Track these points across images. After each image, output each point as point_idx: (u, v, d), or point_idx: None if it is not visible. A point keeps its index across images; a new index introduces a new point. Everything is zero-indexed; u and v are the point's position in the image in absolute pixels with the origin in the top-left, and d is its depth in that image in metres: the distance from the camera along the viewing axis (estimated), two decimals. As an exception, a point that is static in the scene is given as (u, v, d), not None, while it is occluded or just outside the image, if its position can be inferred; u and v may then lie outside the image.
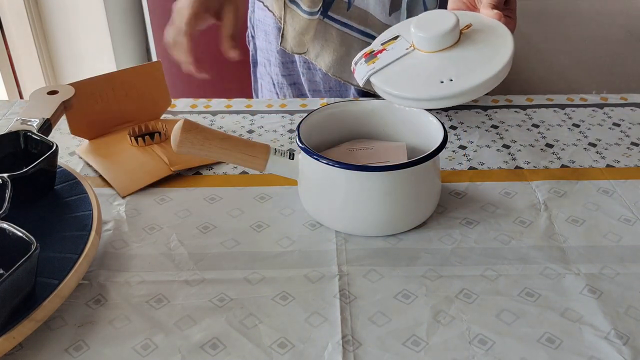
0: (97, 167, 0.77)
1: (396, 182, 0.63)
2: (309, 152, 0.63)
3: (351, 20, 0.90)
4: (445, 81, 0.62)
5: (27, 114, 0.71)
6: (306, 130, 0.68)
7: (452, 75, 0.62)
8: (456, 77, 0.62)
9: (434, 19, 0.65)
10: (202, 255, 0.63)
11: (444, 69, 0.63)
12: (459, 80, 0.61)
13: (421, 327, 0.55)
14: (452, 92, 0.61)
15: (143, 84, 0.84)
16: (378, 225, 0.65)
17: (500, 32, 0.65)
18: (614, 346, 0.53)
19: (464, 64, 0.63)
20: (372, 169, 0.62)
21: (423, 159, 0.62)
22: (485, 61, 0.63)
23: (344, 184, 0.63)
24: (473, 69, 0.62)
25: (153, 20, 1.82)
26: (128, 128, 0.83)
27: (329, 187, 0.64)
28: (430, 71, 0.63)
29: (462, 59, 0.63)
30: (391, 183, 0.62)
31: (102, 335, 0.54)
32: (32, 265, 0.51)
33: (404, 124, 0.72)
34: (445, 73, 0.62)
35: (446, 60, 0.64)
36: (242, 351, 0.53)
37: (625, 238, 0.66)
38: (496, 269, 0.61)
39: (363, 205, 0.63)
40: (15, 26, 1.76)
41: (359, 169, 0.62)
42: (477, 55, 0.63)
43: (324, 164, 0.62)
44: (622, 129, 0.87)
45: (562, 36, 1.96)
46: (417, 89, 0.63)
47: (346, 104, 0.74)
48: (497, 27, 0.66)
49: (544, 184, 0.74)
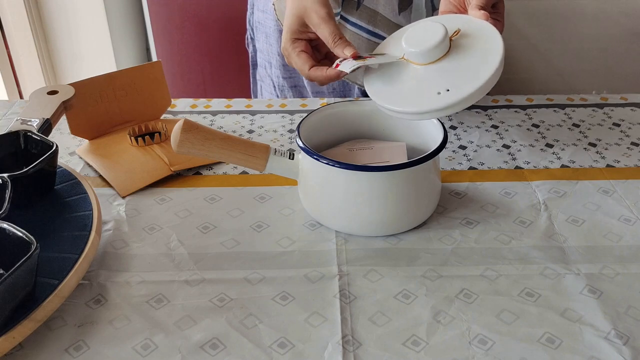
0: (97, 167, 0.77)
1: (396, 182, 0.63)
2: (309, 152, 0.63)
3: (361, 20, 0.90)
4: (442, 92, 0.63)
5: (27, 114, 0.71)
6: (306, 130, 0.68)
7: (448, 85, 0.63)
8: (452, 86, 0.63)
9: (423, 32, 0.66)
10: (202, 255, 0.63)
11: (439, 80, 0.64)
12: (455, 90, 0.62)
13: (421, 327, 0.55)
14: (450, 101, 0.62)
15: (143, 84, 0.84)
16: (378, 226, 0.65)
17: (489, 34, 0.66)
18: (614, 346, 0.53)
19: (457, 73, 0.64)
20: (371, 169, 0.62)
21: (423, 159, 0.62)
22: (478, 67, 0.64)
23: (344, 184, 0.63)
24: (467, 76, 0.63)
25: (153, 20, 1.82)
26: (128, 128, 0.83)
27: (329, 187, 0.64)
28: (426, 84, 0.65)
29: (455, 68, 0.64)
30: (391, 183, 0.63)
31: (102, 335, 0.54)
32: (32, 265, 0.51)
33: (403, 124, 0.72)
34: (440, 84, 0.63)
35: (440, 71, 0.65)
36: (242, 351, 0.53)
37: (625, 238, 0.66)
38: (496, 269, 0.61)
39: (363, 205, 0.63)
40: (15, 26, 1.76)
41: (359, 169, 0.62)
42: (469, 62, 0.64)
43: (324, 164, 0.62)
44: (622, 129, 0.87)
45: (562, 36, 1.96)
46: (417, 102, 0.64)
47: (346, 104, 0.74)
48: (485, 28, 0.67)
49: (544, 184, 0.74)
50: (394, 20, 0.89)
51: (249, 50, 1.08)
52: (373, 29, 0.90)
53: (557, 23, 1.95)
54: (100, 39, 1.83)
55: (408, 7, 0.87)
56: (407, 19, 0.88)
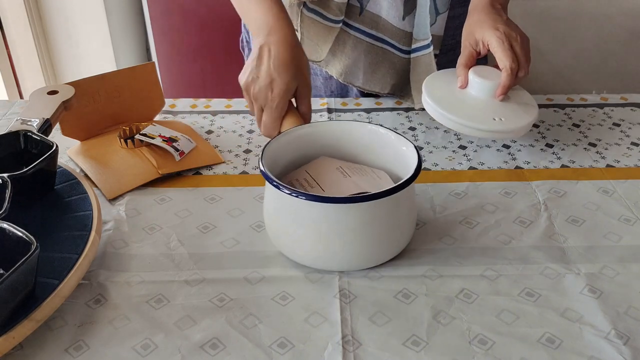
0: (86, 168, 0.76)
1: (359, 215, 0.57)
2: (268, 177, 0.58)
3: (364, 25, 0.90)
4: (497, 119, 0.75)
5: (27, 114, 0.71)
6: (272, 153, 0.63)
7: (502, 115, 0.75)
8: (505, 117, 0.75)
9: (486, 71, 0.78)
10: (202, 255, 0.63)
11: (495, 110, 0.76)
12: (507, 121, 0.75)
13: (421, 327, 0.55)
14: (503, 128, 0.74)
15: (136, 85, 0.84)
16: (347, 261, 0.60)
17: (527, 95, 0.81)
18: (614, 346, 0.53)
19: (509, 109, 0.77)
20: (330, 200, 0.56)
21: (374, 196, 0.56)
22: (524, 110, 0.77)
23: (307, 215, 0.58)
24: (517, 113, 0.76)
25: (153, 20, 1.82)
26: (120, 130, 0.82)
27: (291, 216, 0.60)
28: (484, 110, 0.76)
29: (506, 107, 0.77)
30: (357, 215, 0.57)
31: (102, 335, 0.54)
32: (32, 265, 0.51)
33: (382, 148, 0.68)
34: (496, 113, 0.76)
35: (495, 104, 0.77)
36: (242, 351, 0.53)
37: (625, 238, 0.66)
38: (496, 269, 0.61)
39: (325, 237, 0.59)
40: (15, 26, 1.76)
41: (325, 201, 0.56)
42: (516, 104, 0.78)
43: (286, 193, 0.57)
44: (622, 129, 0.87)
45: (562, 36, 1.95)
46: (478, 120, 0.75)
47: (317, 124, 0.69)
48: (523, 90, 0.82)
49: (544, 184, 0.74)
50: (398, 25, 0.88)
51: (244, 53, 1.08)
52: (376, 34, 0.90)
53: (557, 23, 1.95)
54: (100, 39, 1.83)
55: (412, 11, 0.87)
56: (411, 24, 0.88)
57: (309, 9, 0.88)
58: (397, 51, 0.91)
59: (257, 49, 0.72)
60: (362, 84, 0.94)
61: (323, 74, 0.97)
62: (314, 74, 0.99)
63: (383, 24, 0.89)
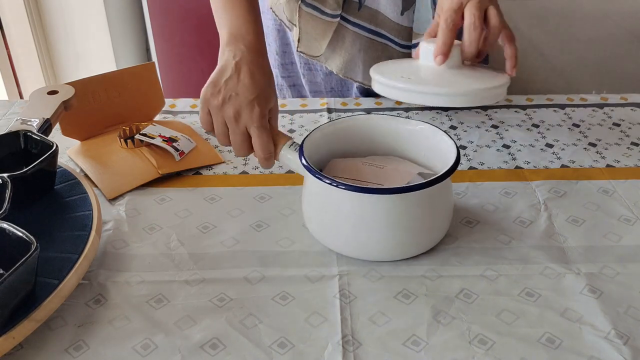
0: (86, 168, 0.76)
1: (394, 206, 0.59)
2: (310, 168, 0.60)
3: (362, 20, 0.90)
4: (443, 84, 0.68)
5: (27, 114, 0.71)
6: (312, 143, 0.65)
7: (450, 81, 0.68)
8: (453, 83, 0.68)
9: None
10: (202, 255, 0.63)
11: (443, 77, 0.69)
12: (453, 85, 0.68)
13: (421, 327, 0.55)
14: (465, 90, 0.67)
15: (136, 85, 0.84)
16: (381, 251, 0.62)
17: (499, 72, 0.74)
18: (614, 346, 0.53)
19: (462, 76, 0.70)
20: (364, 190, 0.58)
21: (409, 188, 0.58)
22: (480, 80, 0.70)
23: (344, 205, 0.60)
24: (469, 81, 0.69)
25: (153, 20, 1.82)
26: (120, 130, 0.82)
27: (327, 205, 0.62)
28: (433, 76, 0.70)
29: (468, 74, 0.70)
30: (392, 206, 0.59)
31: (102, 335, 0.54)
32: (32, 265, 0.51)
33: (418, 143, 0.69)
34: (443, 79, 0.69)
35: (447, 73, 0.70)
36: (242, 351, 0.53)
37: (625, 238, 0.66)
38: (496, 269, 0.61)
39: (360, 228, 0.60)
40: (15, 26, 1.76)
41: (361, 191, 0.58)
42: (476, 74, 0.71)
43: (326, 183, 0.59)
44: (622, 129, 0.87)
45: (562, 36, 1.96)
46: (422, 84, 0.69)
47: (356, 118, 0.71)
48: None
49: (544, 184, 0.74)
50: (396, 20, 0.89)
51: None
52: (375, 29, 0.90)
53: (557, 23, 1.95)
54: (100, 39, 1.83)
55: (411, 6, 0.87)
56: (410, 19, 0.88)
57: (306, 4, 0.88)
58: (397, 46, 0.91)
59: (229, 62, 0.66)
60: (362, 79, 0.94)
61: (323, 70, 0.97)
62: (314, 69, 0.99)
63: (382, 19, 0.89)
